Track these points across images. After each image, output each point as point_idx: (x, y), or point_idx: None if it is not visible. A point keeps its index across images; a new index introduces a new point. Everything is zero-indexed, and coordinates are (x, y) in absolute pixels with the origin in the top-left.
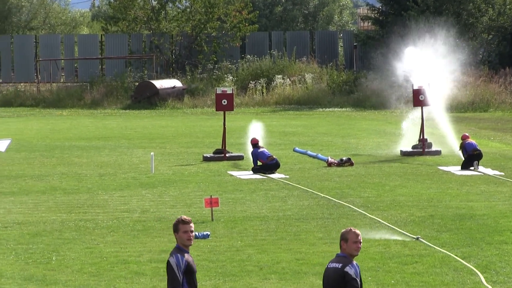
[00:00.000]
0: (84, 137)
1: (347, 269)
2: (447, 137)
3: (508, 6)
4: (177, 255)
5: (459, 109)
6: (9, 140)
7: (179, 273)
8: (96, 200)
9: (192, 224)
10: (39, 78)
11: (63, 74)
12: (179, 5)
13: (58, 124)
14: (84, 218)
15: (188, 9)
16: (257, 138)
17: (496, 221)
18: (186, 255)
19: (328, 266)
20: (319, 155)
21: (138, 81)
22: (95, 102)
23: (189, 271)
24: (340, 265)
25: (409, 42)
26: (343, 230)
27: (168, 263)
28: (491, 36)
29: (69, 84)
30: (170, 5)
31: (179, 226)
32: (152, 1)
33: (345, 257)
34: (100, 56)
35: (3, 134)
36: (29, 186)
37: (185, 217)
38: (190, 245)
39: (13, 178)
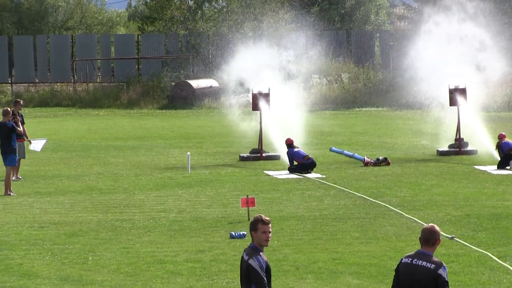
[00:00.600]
0: (120, 137)
1: (442, 271)
2: (483, 137)
3: None
4: (257, 257)
5: (495, 108)
6: (45, 140)
7: (263, 274)
8: (133, 200)
9: (270, 225)
10: (75, 78)
11: (99, 74)
12: (216, 5)
13: (94, 124)
14: (120, 218)
15: (225, 9)
16: (291, 138)
17: None
18: (262, 254)
19: (414, 263)
20: (356, 154)
21: (175, 81)
22: (132, 102)
23: (268, 270)
24: (433, 266)
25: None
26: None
27: (251, 266)
28: None
29: (105, 84)
30: (207, 5)
31: (258, 225)
32: (189, 1)
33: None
34: (136, 56)
35: (39, 134)
36: (65, 186)
37: (264, 217)
38: (267, 245)
39: (50, 178)
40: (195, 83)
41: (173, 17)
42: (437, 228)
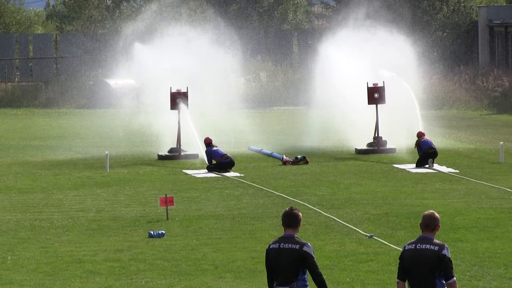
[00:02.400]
0: (39, 136)
1: (444, 251)
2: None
3: (462, 4)
4: (308, 244)
5: (414, 107)
6: None
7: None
8: (51, 199)
9: None
10: None
11: (17, 74)
12: (134, 4)
13: (12, 123)
14: (39, 217)
15: (143, 8)
16: (210, 137)
17: (451, 218)
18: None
19: (413, 248)
20: (274, 153)
21: (93, 80)
22: (50, 101)
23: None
24: (436, 247)
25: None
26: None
27: (309, 254)
28: (445, 33)
29: (23, 83)
30: (125, 4)
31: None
32: (107, 0)
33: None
34: (54, 56)
35: None
36: None
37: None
38: None
39: None
40: (113, 82)
41: (91, 16)
42: (436, 214)
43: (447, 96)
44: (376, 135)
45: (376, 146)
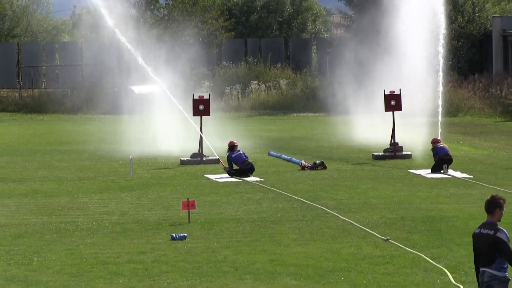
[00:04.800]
0: (64, 141)
1: (501, 234)
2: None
3: (477, 14)
4: (504, 230)
5: (430, 114)
6: None
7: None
8: (76, 203)
9: None
10: (21, 84)
11: (44, 80)
12: (157, 13)
13: (39, 129)
14: (64, 220)
15: (166, 17)
16: (234, 141)
17: (465, 223)
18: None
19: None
20: (293, 158)
21: (118, 87)
22: (76, 107)
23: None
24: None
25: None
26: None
27: (501, 240)
28: (460, 43)
29: (50, 90)
30: (149, 13)
31: (503, 205)
32: (131, 9)
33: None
34: (80, 63)
35: None
36: (11, 189)
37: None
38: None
39: None
40: (137, 89)
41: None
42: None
43: (462, 103)
44: (393, 141)
45: (393, 152)
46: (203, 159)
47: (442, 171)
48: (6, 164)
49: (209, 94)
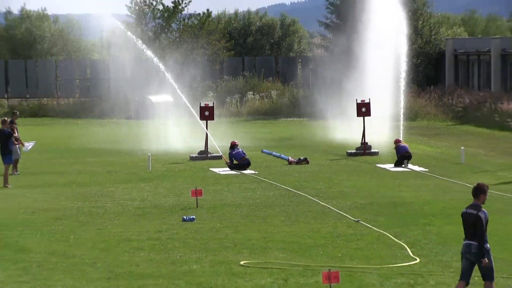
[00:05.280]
0: (95, 141)
1: (481, 214)
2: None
3: (433, 36)
4: (485, 211)
5: (394, 118)
6: (33, 142)
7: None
8: (105, 191)
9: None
10: (59, 94)
11: (78, 91)
12: (170, 36)
13: (74, 131)
14: (95, 205)
15: (177, 39)
16: (235, 141)
17: (421, 207)
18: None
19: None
20: (282, 155)
21: (138, 97)
22: (103, 113)
23: (487, 222)
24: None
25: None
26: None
27: (479, 217)
28: (419, 60)
29: (82, 99)
30: (163, 35)
31: (486, 192)
32: (149, 32)
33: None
34: (107, 77)
35: (30, 138)
36: (51, 180)
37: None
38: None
39: (39, 174)
40: (154, 98)
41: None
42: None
43: (420, 110)
44: (363, 141)
45: (363, 150)
46: (208, 155)
47: (403, 166)
48: (47, 160)
49: (213, 103)
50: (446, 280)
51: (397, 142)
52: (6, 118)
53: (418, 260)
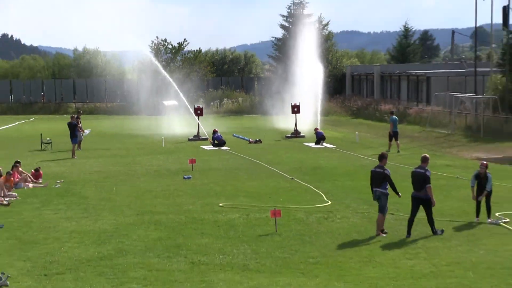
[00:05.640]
0: (129, 129)
1: (427, 173)
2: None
3: (338, 64)
4: (388, 170)
5: (314, 115)
6: (89, 130)
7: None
8: (136, 160)
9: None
10: (106, 100)
11: (119, 98)
12: (176, 64)
13: (116, 123)
14: (129, 169)
15: (181, 65)
16: (216, 128)
17: (332, 170)
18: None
19: (414, 171)
20: (245, 137)
21: (156, 102)
22: (136, 111)
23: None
24: (423, 171)
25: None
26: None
27: (387, 175)
28: (329, 79)
29: (122, 103)
30: (171, 64)
31: (387, 157)
32: (163, 62)
33: (422, 167)
34: (138, 89)
35: (87, 127)
36: (101, 153)
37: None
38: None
39: (94, 150)
40: (166, 102)
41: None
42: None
43: (331, 109)
44: (295, 129)
45: (295, 134)
46: (200, 138)
47: (320, 144)
48: (99, 141)
49: (202, 105)
50: (347, 215)
51: (316, 129)
52: (73, 115)
53: (329, 202)
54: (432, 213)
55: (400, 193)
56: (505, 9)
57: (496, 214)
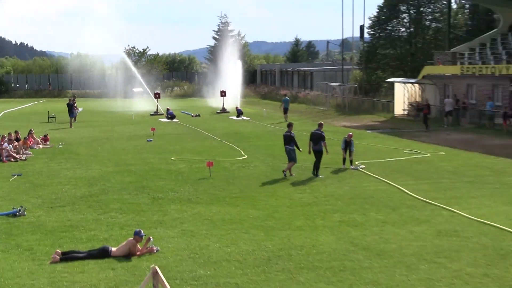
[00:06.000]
0: (108, 107)
1: (323, 133)
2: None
3: (252, 63)
4: (293, 133)
5: (236, 98)
6: (82, 108)
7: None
8: (114, 129)
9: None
10: (93, 88)
11: (100, 87)
12: (141, 63)
13: (99, 104)
14: (110, 135)
15: (144, 65)
16: (169, 107)
17: (247, 134)
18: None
19: (313, 132)
20: (190, 113)
21: (129, 89)
22: (112, 95)
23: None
24: (320, 131)
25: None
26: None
27: (291, 135)
28: (246, 73)
29: (102, 90)
30: (138, 63)
31: (292, 126)
32: (133, 62)
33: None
34: (115, 81)
35: (80, 105)
36: (90, 124)
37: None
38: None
39: (86, 122)
40: (135, 89)
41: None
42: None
43: (247, 94)
44: (223, 107)
45: (223, 111)
46: (158, 113)
47: (239, 117)
48: (88, 116)
49: (159, 91)
50: (258, 164)
51: (237, 107)
52: (71, 98)
53: (246, 156)
54: (320, 161)
55: (301, 149)
56: (362, 27)
57: (356, 163)
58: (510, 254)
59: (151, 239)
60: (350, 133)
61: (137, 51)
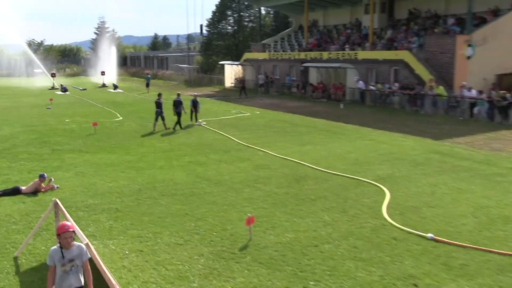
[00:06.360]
0: (18, 84)
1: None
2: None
3: (123, 51)
4: (162, 100)
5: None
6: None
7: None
8: (21, 99)
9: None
10: (3, 69)
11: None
12: (40, 52)
13: (7, 81)
14: (19, 104)
15: (42, 52)
16: (62, 83)
17: (123, 102)
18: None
19: (175, 99)
20: (79, 87)
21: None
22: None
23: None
24: (179, 98)
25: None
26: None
27: (162, 102)
28: (120, 59)
29: (10, 71)
30: (37, 52)
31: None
32: (37, 52)
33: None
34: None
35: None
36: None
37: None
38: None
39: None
40: (35, 70)
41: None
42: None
43: (120, 73)
44: (103, 83)
45: (103, 86)
46: (54, 88)
47: (115, 90)
48: None
49: (55, 72)
50: (131, 124)
51: (113, 83)
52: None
53: (121, 118)
54: (180, 119)
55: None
56: (201, 26)
57: (200, 120)
58: (303, 179)
59: (52, 180)
60: (196, 94)
61: (36, 42)
